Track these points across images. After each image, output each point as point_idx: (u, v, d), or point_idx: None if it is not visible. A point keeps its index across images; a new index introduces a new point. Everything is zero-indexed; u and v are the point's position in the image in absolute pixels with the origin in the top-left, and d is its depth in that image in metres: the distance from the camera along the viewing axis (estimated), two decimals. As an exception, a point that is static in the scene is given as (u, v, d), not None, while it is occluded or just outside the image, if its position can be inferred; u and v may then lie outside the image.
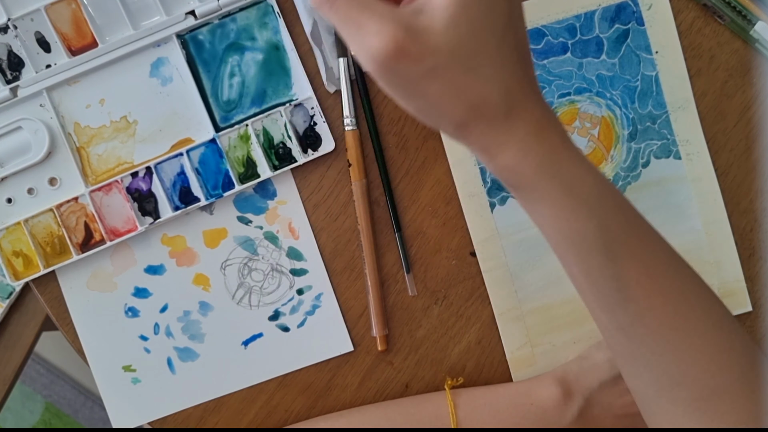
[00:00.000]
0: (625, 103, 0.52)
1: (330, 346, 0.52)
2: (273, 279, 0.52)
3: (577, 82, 0.52)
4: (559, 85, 0.52)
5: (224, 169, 0.51)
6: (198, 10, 0.50)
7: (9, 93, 0.50)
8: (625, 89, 0.52)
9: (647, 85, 0.52)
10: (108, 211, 0.51)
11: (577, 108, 0.52)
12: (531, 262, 0.52)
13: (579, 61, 0.52)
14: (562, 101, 0.52)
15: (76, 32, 0.50)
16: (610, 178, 0.52)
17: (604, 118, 0.52)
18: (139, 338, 0.52)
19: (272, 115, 0.51)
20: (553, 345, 0.52)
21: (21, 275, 0.51)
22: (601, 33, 0.52)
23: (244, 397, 0.53)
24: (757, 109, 0.52)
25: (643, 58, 0.52)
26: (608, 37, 0.52)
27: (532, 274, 0.52)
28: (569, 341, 0.52)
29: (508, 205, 0.52)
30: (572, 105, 0.52)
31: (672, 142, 0.52)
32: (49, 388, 1.31)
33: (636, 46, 0.52)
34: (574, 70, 0.52)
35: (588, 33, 0.52)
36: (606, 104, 0.52)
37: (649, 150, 0.52)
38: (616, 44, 0.52)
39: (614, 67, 0.52)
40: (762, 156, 0.52)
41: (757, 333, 0.52)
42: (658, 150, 0.52)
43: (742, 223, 0.53)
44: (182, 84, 0.51)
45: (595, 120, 0.52)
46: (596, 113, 0.52)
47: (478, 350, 0.52)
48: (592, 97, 0.52)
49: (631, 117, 0.52)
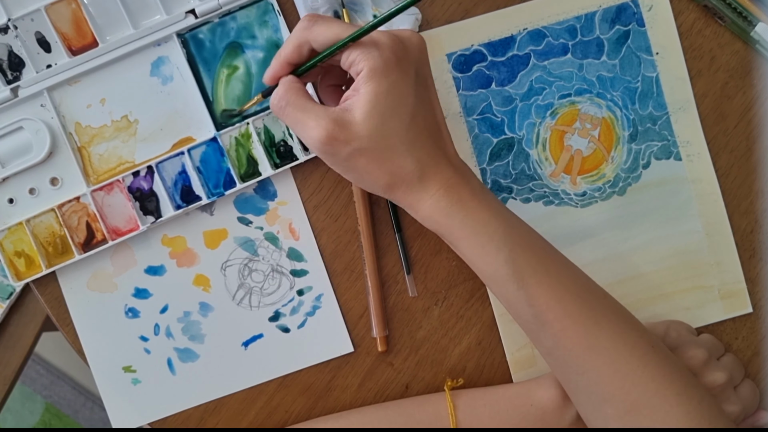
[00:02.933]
0: (626, 104, 0.52)
1: (330, 347, 0.52)
2: (273, 280, 0.52)
3: (577, 83, 0.52)
4: (560, 86, 0.52)
5: (225, 167, 0.51)
6: (198, 9, 0.50)
7: (10, 93, 0.50)
8: (625, 90, 0.52)
9: (648, 86, 0.52)
10: (110, 210, 0.51)
11: (578, 109, 0.52)
12: None
13: (579, 62, 0.52)
14: (562, 102, 0.52)
15: (76, 32, 0.50)
16: (610, 179, 0.52)
17: (604, 119, 0.52)
18: (139, 339, 0.52)
19: (273, 114, 0.51)
20: None
21: (23, 275, 0.51)
22: (601, 34, 0.52)
23: (244, 397, 0.53)
24: (758, 110, 0.52)
25: (643, 60, 0.52)
26: (609, 38, 0.52)
27: None
28: None
29: (508, 205, 0.52)
30: (573, 106, 0.52)
31: (672, 143, 0.52)
32: (49, 388, 1.31)
33: (636, 47, 0.52)
34: (575, 71, 0.52)
35: (588, 34, 0.52)
36: (607, 105, 0.52)
37: (649, 151, 0.52)
38: (617, 45, 0.52)
39: (615, 69, 0.52)
40: (762, 157, 0.52)
41: (757, 334, 0.52)
42: (658, 151, 0.52)
43: (743, 225, 0.53)
44: (183, 83, 0.51)
45: (596, 121, 0.52)
46: (597, 114, 0.52)
47: (478, 351, 0.52)
48: (592, 98, 0.52)
49: (631, 118, 0.52)
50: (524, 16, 0.52)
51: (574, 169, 0.52)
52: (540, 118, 0.52)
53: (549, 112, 0.52)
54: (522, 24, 0.52)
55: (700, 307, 0.52)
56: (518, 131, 0.52)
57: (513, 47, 0.52)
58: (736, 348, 0.53)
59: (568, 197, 0.52)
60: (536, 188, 0.52)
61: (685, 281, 0.52)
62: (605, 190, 0.52)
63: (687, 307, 0.52)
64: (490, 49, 0.52)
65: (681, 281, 0.52)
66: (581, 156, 0.52)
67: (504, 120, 0.52)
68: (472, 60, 0.52)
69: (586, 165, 0.52)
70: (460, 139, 0.52)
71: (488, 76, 0.52)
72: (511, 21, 0.52)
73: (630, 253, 0.52)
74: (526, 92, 0.52)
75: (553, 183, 0.52)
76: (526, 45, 0.52)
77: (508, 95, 0.52)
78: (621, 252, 0.52)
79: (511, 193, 0.52)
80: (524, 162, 0.52)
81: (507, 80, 0.52)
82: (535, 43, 0.52)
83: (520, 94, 0.52)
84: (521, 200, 0.52)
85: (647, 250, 0.52)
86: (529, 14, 0.52)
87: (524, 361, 0.52)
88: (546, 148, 0.52)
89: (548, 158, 0.52)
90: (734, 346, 0.53)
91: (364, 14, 0.50)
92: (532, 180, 0.52)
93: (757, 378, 0.52)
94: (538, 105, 0.52)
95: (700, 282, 0.52)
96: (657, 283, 0.52)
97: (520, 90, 0.52)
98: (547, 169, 0.52)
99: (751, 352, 0.53)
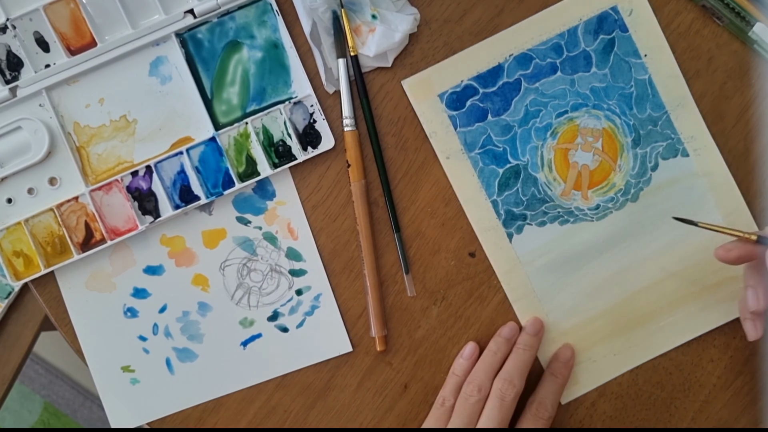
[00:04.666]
0: (623, 110, 0.52)
1: (329, 346, 0.52)
2: (272, 279, 0.52)
3: (572, 99, 0.52)
4: (555, 105, 0.52)
5: (224, 167, 0.51)
6: (197, 8, 0.50)
7: (8, 93, 0.50)
8: (620, 97, 0.52)
9: (642, 89, 0.52)
10: (108, 210, 0.51)
11: (577, 124, 0.52)
12: (557, 284, 0.52)
13: (570, 78, 0.52)
14: (560, 120, 0.52)
15: (74, 32, 0.50)
16: (621, 188, 0.52)
17: (605, 129, 0.52)
18: (137, 338, 0.52)
19: (272, 113, 0.51)
20: (594, 361, 0.52)
21: (21, 275, 0.51)
22: (587, 46, 0.52)
23: (242, 397, 0.53)
24: (756, 110, 0.52)
25: (633, 64, 0.52)
26: (595, 49, 0.52)
27: (560, 296, 0.52)
28: (609, 354, 0.52)
29: (525, 232, 0.52)
30: (571, 122, 0.52)
31: (677, 140, 0.52)
32: (47, 388, 1.31)
33: (624, 53, 0.52)
34: (567, 88, 0.52)
35: (574, 49, 0.52)
36: (605, 115, 0.52)
37: (655, 153, 0.52)
38: (604, 55, 0.52)
39: (606, 78, 0.52)
40: (760, 157, 0.52)
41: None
42: (664, 151, 0.52)
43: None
44: (181, 83, 0.51)
45: (597, 133, 0.52)
46: (597, 126, 0.52)
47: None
48: (589, 110, 0.52)
49: (631, 123, 0.52)
50: (508, 42, 0.52)
51: (584, 185, 0.52)
52: (541, 141, 0.52)
53: (549, 132, 0.52)
54: (507, 51, 0.52)
55: (733, 298, 0.51)
56: (522, 157, 0.52)
57: (502, 75, 0.52)
58: (735, 347, 0.53)
59: (583, 213, 0.52)
60: (549, 210, 0.52)
61: (713, 275, 0.52)
62: (618, 199, 0.52)
63: (719, 299, 0.52)
64: (480, 82, 0.52)
65: (710, 275, 0.52)
66: (588, 170, 0.52)
67: (506, 149, 0.52)
68: (464, 96, 0.52)
69: (594, 178, 0.52)
70: (466, 176, 0.52)
71: (483, 108, 0.52)
72: (496, 50, 0.52)
73: (655, 256, 0.52)
74: (522, 117, 0.52)
75: (565, 202, 0.52)
76: (514, 71, 0.52)
77: (505, 124, 0.52)
78: (645, 257, 0.52)
79: (526, 220, 0.52)
80: (533, 186, 0.52)
81: (502, 109, 0.52)
82: (523, 67, 0.52)
83: (517, 120, 0.52)
84: (537, 224, 0.52)
85: (671, 251, 0.52)
86: (513, 40, 0.52)
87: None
88: (552, 169, 0.52)
89: (556, 178, 0.52)
90: (732, 345, 0.53)
91: (363, 14, 0.51)
92: (544, 203, 0.52)
93: (756, 377, 0.52)
94: (537, 128, 0.52)
95: (730, 272, 0.52)
96: (686, 282, 0.52)
97: (516, 116, 0.52)
98: (556, 189, 0.52)
99: (749, 351, 0.53)
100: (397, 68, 0.52)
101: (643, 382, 0.53)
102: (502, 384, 0.48)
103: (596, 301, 0.52)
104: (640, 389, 0.53)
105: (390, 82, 0.52)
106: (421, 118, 0.52)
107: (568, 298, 0.52)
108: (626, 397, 0.53)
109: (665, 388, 0.53)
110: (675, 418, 0.53)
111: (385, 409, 0.53)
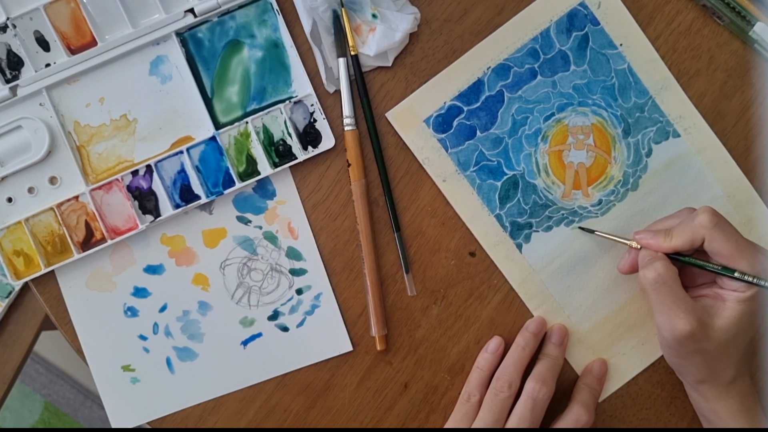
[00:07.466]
0: (609, 103, 0.52)
1: (329, 345, 0.52)
2: (272, 279, 0.52)
3: (556, 101, 0.52)
4: (541, 110, 0.52)
5: (224, 166, 0.51)
6: (197, 8, 0.50)
7: (8, 92, 0.50)
8: (604, 90, 0.52)
9: (623, 78, 0.52)
10: (108, 209, 0.51)
11: (566, 125, 0.52)
12: (574, 286, 0.52)
13: (551, 80, 0.52)
14: (549, 123, 0.52)
15: (75, 31, 0.50)
16: (620, 179, 0.52)
17: (594, 124, 0.52)
18: (138, 338, 0.52)
19: (272, 113, 0.51)
20: (623, 354, 0.52)
21: (22, 274, 0.51)
22: (562, 46, 0.52)
23: (243, 396, 0.53)
24: (756, 109, 0.52)
25: (610, 55, 0.52)
26: (570, 47, 0.52)
27: (578, 296, 0.52)
28: (637, 344, 0.52)
29: (533, 240, 0.52)
30: (560, 123, 0.52)
31: (666, 123, 0.52)
32: (48, 387, 1.31)
33: (599, 46, 0.52)
34: (550, 90, 0.52)
35: (550, 51, 0.52)
36: (591, 111, 0.52)
37: (647, 138, 0.52)
38: (580, 51, 0.52)
39: (586, 74, 0.52)
40: (761, 156, 0.52)
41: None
42: (655, 135, 0.52)
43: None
44: (182, 82, 0.51)
45: (586, 129, 0.52)
46: (585, 123, 0.52)
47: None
48: (575, 109, 0.52)
49: (619, 114, 0.52)
50: (484, 56, 0.52)
51: (583, 183, 0.52)
52: (533, 147, 0.52)
53: (540, 137, 0.52)
54: (484, 64, 0.52)
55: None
56: (517, 167, 0.52)
57: (483, 90, 0.52)
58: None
59: (586, 211, 0.52)
60: (553, 214, 0.52)
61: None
62: (618, 191, 0.52)
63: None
64: (463, 100, 0.52)
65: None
66: (584, 168, 0.52)
67: (500, 161, 0.52)
68: (449, 116, 0.52)
69: (592, 174, 0.52)
70: (465, 195, 0.52)
71: (470, 126, 0.52)
72: (473, 65, 0.52)
73: None
74: (511, 128, 0.52)
75: (567, 203, 0.52)
76: (495, 83, 0.52)
77: (495, 137, 0.52)
78: None
79: (532, 228, 0.52)
80: (533, 193, 0.52)
81: (489, 123, 0.52)
82: (502, 78, 0.52)
83: (506, 131, 0.52)
84: (543, 230, 0.52)
85: None
86: (488, 52, 0.52)
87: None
88: (549, 173, 0.52)
89: (554, 181, 0.52)
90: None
91: (363, 13, 0.51)
92: (547, 208, 0.52)
93: (756, 377, 0.52)
94: (527, 135, 0.52)
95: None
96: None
97: (504, 128, 0.52)
98: (557, 192, 0.52)
99: (749, 351, 0.53)
100: (398, 67, 0.52)
101: (643, 381, 0.53)
102: (535, 384, 0.48)
103: (615, 294, 0.52)
104: (640, 389, 0.53)
105: (390, 82, 0.52)
106: (411, 147, 0.52)
107: (587, 297, 0.52)
108: (626, 397, 0.53)
109: (665, 388, 0.53)
110: (675, 417, 0.53)
111: (385, 409, 0.53)
